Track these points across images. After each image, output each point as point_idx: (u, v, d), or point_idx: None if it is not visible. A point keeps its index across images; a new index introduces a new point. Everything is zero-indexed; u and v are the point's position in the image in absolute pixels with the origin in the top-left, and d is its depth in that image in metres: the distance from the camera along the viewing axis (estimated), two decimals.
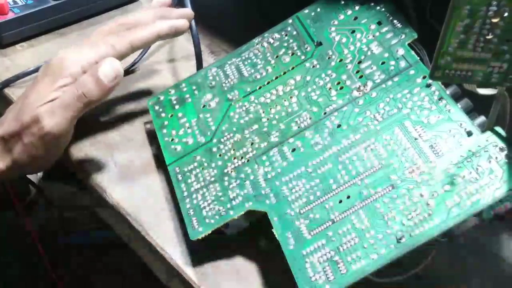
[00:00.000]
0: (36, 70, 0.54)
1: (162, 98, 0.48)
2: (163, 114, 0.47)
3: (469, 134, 0.35)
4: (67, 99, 0.40)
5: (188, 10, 0.49)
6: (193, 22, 0.51)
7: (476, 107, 0.37)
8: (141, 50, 0.54)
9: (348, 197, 0.36)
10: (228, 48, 0.57)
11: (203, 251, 0.40)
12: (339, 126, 0.40)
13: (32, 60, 0.57)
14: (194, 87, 0.47)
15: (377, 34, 0.42)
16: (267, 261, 0.40)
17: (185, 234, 0.41)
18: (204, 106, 0.45)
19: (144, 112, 0.51)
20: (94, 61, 0.43)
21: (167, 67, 0.56)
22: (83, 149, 0.48)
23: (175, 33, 0.46)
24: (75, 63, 0.42)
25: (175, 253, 0.41)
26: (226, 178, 0.41)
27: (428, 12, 0.45)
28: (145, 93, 0.53)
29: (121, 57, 0.44)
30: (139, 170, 0.46)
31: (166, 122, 0.46)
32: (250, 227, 0.41)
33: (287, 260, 0.36)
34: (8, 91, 0.54)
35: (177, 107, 0.46)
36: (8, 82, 0.54)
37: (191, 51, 0.51)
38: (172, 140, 0.45)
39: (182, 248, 0.41)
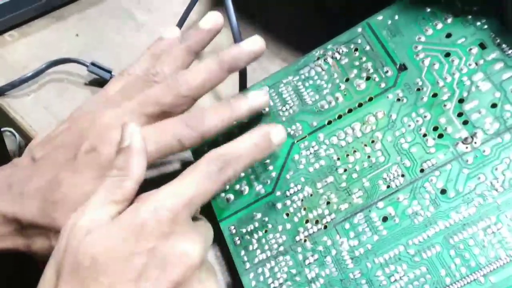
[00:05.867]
0: (36, 74, 0.44)
1: None
2: (206, 148, 0.38)
3: None
4: None
5: (256, 44, 0.37)
6: (233, 17, 0.41)
7: None
8: None
9: None
10: (274, 48, 0.46)
11: None
12: (443, 192, 0.32)
13: (26, 54, 0.47)
14: None
15: (481, 62, 0.34)
16: None
17: None
18: None
19: None
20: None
21: None
22: None
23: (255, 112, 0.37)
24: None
25: None
26: (299, 249, 0.34)
27: None
28: None
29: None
30: None
31: None
32: None
33: None
34: (2, 101, 0.44)
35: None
36: (2, 91, 0.44)
37: None
38: None
39: None
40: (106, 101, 0.36)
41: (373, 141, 0.35)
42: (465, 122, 0.33)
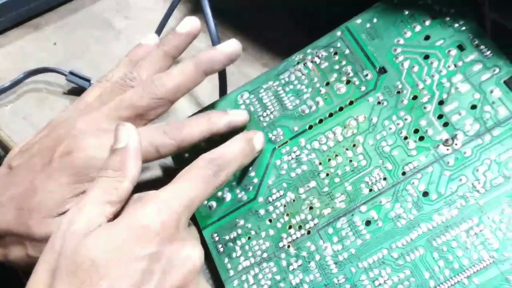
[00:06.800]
0: (14, 84, 0.44)
1: None
2: (186, 155, 0.38)
3: None
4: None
5: (232, 46, 0.37)
6: (211, 23, 0.41)
7: None
8: None
9: None
10: (254, 53, 0.46)
11: None
12: (425, 194, 0.32)
13: (3, 64, 0.46)
14: None
15: (460, 63, 0.34)
16: None
17: None
18: None
19: None
20: None
21: None
22: None
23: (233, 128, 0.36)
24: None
25: None
26: (283, 255, 0.33)
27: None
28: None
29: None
30: None
31: None
32: None
33: None
34: None
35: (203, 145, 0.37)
36: None
37: None
38: None
39: None
40: (84, 108, 0.36)
41: (354, 145, 0.34)
42: (445, 124, 0.33)
